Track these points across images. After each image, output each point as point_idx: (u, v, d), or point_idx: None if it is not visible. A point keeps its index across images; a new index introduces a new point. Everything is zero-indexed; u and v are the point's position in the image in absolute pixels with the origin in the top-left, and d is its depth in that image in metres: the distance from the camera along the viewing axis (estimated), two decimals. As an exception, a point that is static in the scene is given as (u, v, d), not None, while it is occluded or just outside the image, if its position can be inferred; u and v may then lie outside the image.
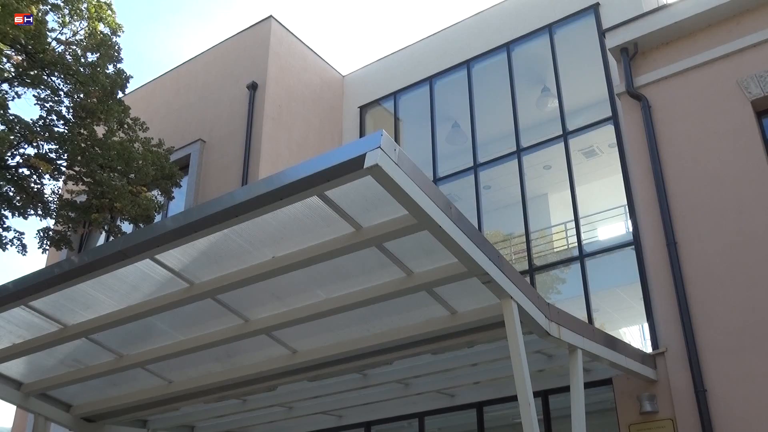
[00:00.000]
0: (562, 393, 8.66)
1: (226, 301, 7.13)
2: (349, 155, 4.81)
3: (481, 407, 10.22)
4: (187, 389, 8.81)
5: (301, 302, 7.09)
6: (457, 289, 6.66)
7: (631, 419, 8.80)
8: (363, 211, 5.66)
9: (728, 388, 8.29)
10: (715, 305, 8.72)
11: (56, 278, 6.69)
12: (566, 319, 7.13)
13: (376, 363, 8.14)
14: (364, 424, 11.16)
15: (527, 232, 11.42)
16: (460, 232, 5.51)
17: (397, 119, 14.98)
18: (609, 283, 11.16)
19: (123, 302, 7.20)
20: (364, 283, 6.70)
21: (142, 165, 11.69)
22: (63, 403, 9.45)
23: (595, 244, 11.05)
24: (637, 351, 8.64)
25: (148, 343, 8.06)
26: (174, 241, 5.98)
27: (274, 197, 5.29)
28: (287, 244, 6.17)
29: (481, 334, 7.19)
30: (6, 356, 8.05)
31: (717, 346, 8.53)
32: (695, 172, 9.49)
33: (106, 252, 6.46)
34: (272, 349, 8.05)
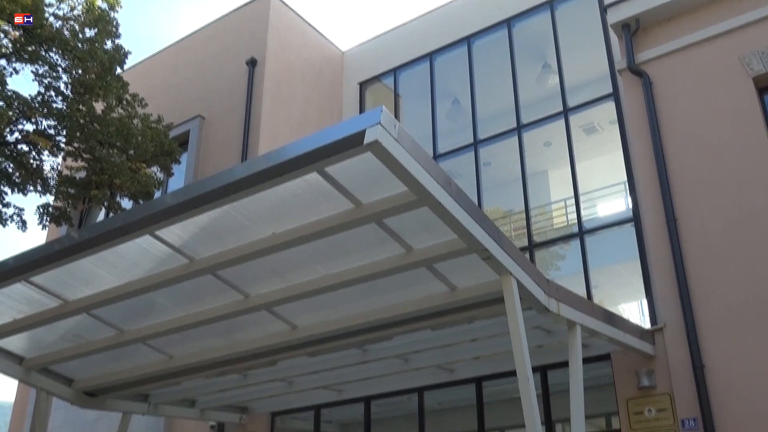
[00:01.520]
0: (561, 368, 8.72)
1: (227, 276, 7.15)
2: (348, 131, 4.80)
3: (480, 382, 10.30)
4: (187, 364, 8.87)
5: (301, 278, 7.11)
6: (457, 265, 6.67)
7: (629, 394, 8.87)
8: (363, 187, 5.66)
9: (726, 363, 8.35)
10: (714, 282, 8.75)
11: (56, 254, 6.71)
12: (565, 295, 7.16)
13: (375, 338, 8.19)
14: (363, 399, 11.25)
15: (527, 209, 11.42)
16: (459, 208, 5.51)
17: (397, 95, 14.92)
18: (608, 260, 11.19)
19: (123, 278, 7.22)
20: (364, 259, 6.71)
21: (141, 141, 11.66)
22: (65, 377, 9.52)
23: (594, 220, 11.06)
24: (635, 327, 8.68)
25: (148, 318, 8.09)
26: (174, 217, 6.00)
27: (274, 173, 5.29)
28: (287, 220, 6.18)
29: (481, 309, 7.22)
30: (7, 331, 8.10)
31: (715, 322, 8.57)
32: (696, 149, 9.48)
33: (106, 228, 6.47)
34: (272, 324, 8.09)
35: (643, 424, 8.66)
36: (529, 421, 6.02)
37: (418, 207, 5.56)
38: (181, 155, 13.06)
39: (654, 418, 8.61)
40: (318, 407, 11.72)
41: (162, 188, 13.25)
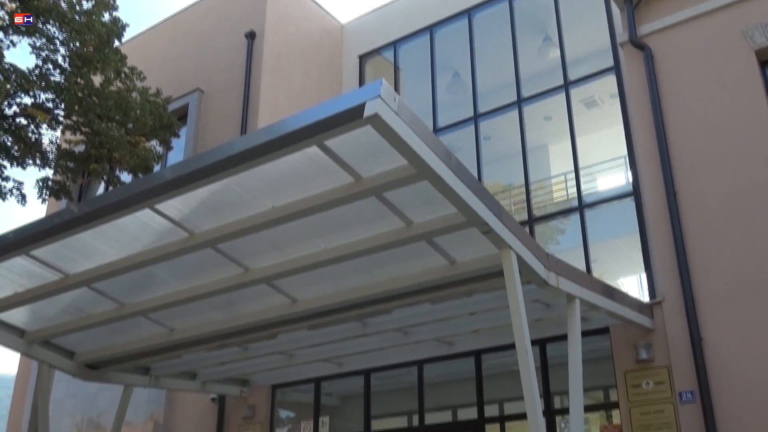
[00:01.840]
0: (560, 341, 8.76)
1: (226, 250, 7.16)
2: (348, 104, 4.78)
3: (479, 355, 10.36)
4: (188, 337, 8.91)
5: (301, 252, 7.12)
6: (457, 239, 6.68)
7: (627, 367, 8.92)
8: (362, 161, 5.65)
9: (724, 336, 8.39)
10: (714, 255, 8.77)
11: (56, 228, 6.71)
12: (565, 268, 7.18)
13: (375, 312, 8.22)
14: (363, 372, 11.33)
15: (527, 183, 11.41)
16: (459, 182, 5.51)
17: (397, 69, 14.83)
18: (608, 234, 11.21)
19: (123, 252, 7.23)
20: (364, 233, 6.72)
21: (140, 115, 11.61)
22: (66, 350, 9.57)
23: (594, 194, 11.06)
24: (634, 300, 8.72)
25: (149, 292, 8.12)
26: (173, 190, 5.99)
27: (274, 147, 5.28)
28: (287, 194, 6.17)
29: (480, 283, 7.24)
30: (8, 305, 8.13)
31: (714, 295, 8.60)
32: (697, 123, 9.44)
33: (105, 202, 6.48)
34: (272, 297, 8.11)
35: (640, 396, 8.72)
36: (528, 394, 6.07)
37: (417, 181, 5.55)
38: (180, 129, 13.01)
39: (652, 390, 8.67)
40: (318, 380, 11.80)
41: (161, 162, 13.22)
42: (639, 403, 8.71)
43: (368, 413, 11.25)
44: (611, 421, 9.27)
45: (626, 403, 8.81)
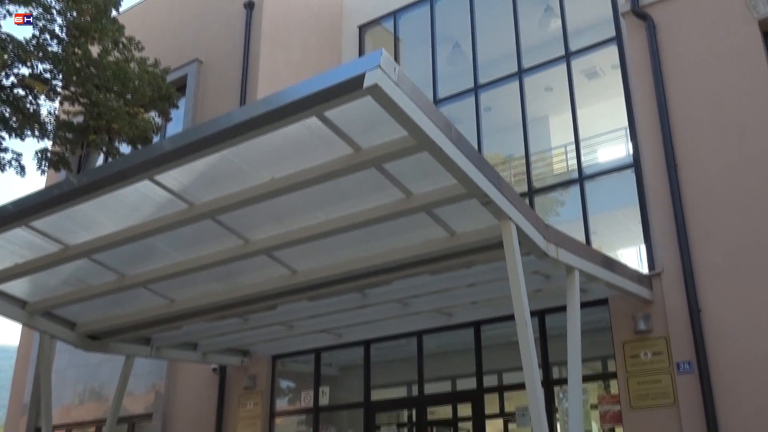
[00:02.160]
0: (559, 313, 8.80)
1: (226, 221, 7.16)
2: (348, 75, 4.75)
3: (478, 326, 10.42)
4: (189, 308, 8.95)
5: (301, 223, 7.12)
6: (456, 211, 6.68)
7: (626, 338, 8.98)
8: (362, 131, 5.63)
9: (723, 308, 8.44)
10: (713, 227, 8.78)
11: (56, 199, 6.71)
12: (564, 240, 7.19)
13: (375, 283, 8.25)
14: (363, 342, 11.40)
15: (527, 155, 11.37)
16: (459, 153, 5.49)
17: (397, 39, 14.70)
18: (608, 206, 11.20)
19: (123, 223, 7.24)
20: (364, 204, 6.71)
21: (139, 85, 11.54)
22: (67, 321, 9.62)
23: (594, 166, 11.02)
24: (633, 272, 8.74)
25: (149, 263, 8.14)
26: (172, 161, 5.98)
27: (273, 117, 5.26)
28: (286, 165, 6.16)
29: (480, 254, 7.25)
30: (9, 276, 8.15)
31: (713, 267, 8.63)
32: (698, 94, 9.40)
33: (104, 173, 6.47)
34: (272, 269, 8.13)
35: (639, 367, 8.79)
36: (527, 364, 6.12)
37: (417, 152, 5.53)
38: (179, 100, 12.93)
39: (650, 361, 8.74)
40: (318, 350, 11.88)
41: (160, 133, 13.17)
42: (637, 373, 8.78)
43: (368, 383, 11.35)
44: (609, 391, 9.35)
45: (624, 373, 8.88)
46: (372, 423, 11.14)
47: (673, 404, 8.45)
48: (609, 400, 9.16)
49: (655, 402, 8.58)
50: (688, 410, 8.30)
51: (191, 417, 12.63)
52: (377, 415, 11.30)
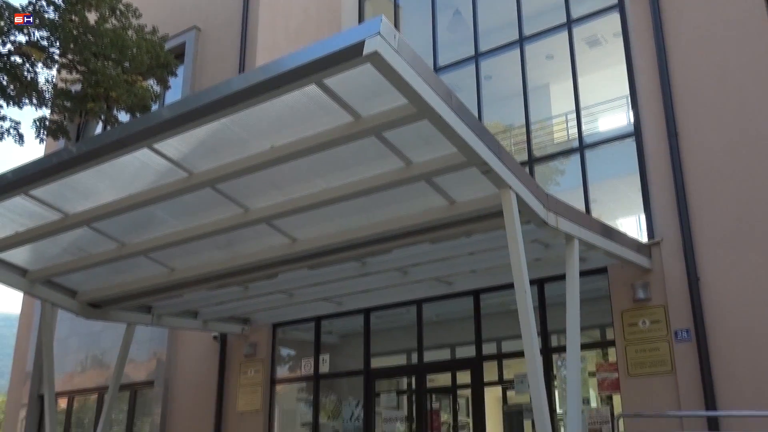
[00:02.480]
0: (558, 281, 8.83)
1: (226, 190, 7.16)
2: (347, 42, 4.72)
3: (477, 294, 10.47)
4: (189, 276, 8.98)
5: (301, 191, 7.12)
6: (456, 179, 6.67)
7: (625, 306, 9.03)
8: (362, 100, 5.60)
9: (721, 277, 8.47)
10: (713, 197, 8.78)
11: (55, 167, 6.70)
12: (564, 209, 7.19)
13: (375, 251, 8.27)
14: (363, 311, 11.46)
15: (527, 123, 11.32)
16: (460, 121, 5.47)
17: (396, 6, 14.55)
18: (608, 175, 11.16)
19: (123, 192, 7.23)
20: (363, 173, 6.70)
21: (137, 53, 11.43)
22: (68, 289, 9.65)
23: (595, 135, 10.98)
24: (632, 240, 8.76)
25: (149, 231, 8.15)
26: (171, 130, 5.96)
27: (272, 85, 5.23)
28: (286, 134, 6.14)
29: (479, 223, 7.26)
30: (9, 244, 8.17)
31: (713, 236, 8.64)
32: (701, 63, 9.33)
33: (103, 141, 6.45)
34: (272, 237, 8.15)
35: (637, 335, 8.84)
36: (526, 332, 6.16)
37: (417, 120, 5.51)
38: (178, 67, 12.83)
39: (648, 329, 8.79)
40: (318, 318, 11.95)
41: (159, 101, 13.09)
42: (635, 341, 8.84)
43: (368, 351, 11.43)
44: (607, 359, 9.42)
45: (622, 341, 8.94)
46: (372, 390, 11.25)
47: (670, 372, 8.52)
48: (607, 367, 9.24)
49: (653, 369, 8.65)
50: (685, 378, 8.37)
51: (193, 384, 12.76)
52: (377, 382, 11.40)
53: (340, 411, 11.63)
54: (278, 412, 12.14)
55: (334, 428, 11.56)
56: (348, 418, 11.41)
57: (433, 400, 11.23)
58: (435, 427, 11.06)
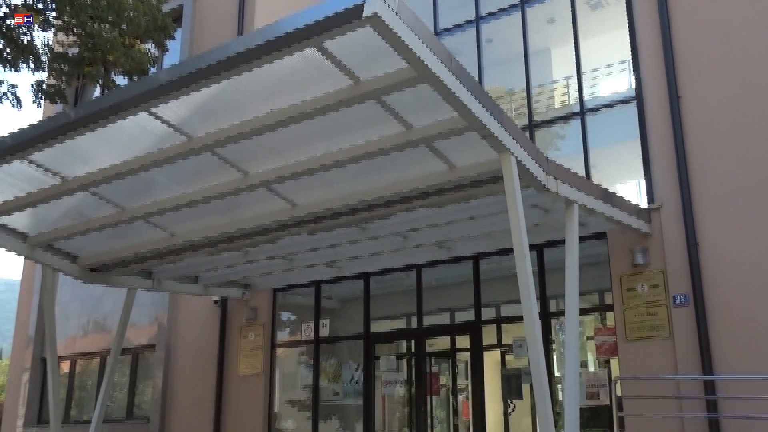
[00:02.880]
0: (557, 246, 8.84)
1: (225, 155, 7.14)
2: (347, 4, 4.67)
3: (477, 259, 10.50)
4: (189, 241, 9.01)
5: (300, 156, 7.10)
6: (456, 144, 6.65)
7: (623, 271, 9.05)
8: (362, 63, 5.56)
9: (720, 242, 8.48)
10: (714, 161, 8.76)
11: (53, 131, 6.68)
12: (564, 173, 7.18)
13: (374, 216, 8.27)
14: (363, 275, 11.51)
15: (528, 88, 11.24)
16: (460, 85, 5.43)
17: (396, -32, 14.34)
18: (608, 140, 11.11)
19: (122, 156, 7.21)
20: (363, 138, 6.68)
21: (134, 16, 11.29)
22: (69, 254, 9.68)
23: (596, 99, 10.90)
24: (632, 205, 8.76)
25: (149, 196, 8.15)
26: (169, 94, 5.93)
27: (270, 48, 5.19)
28: (285, 98, 6.10)
29: (479, 188, 7.25)
30: (9, 209, 8.18)
31: (713, 201, 8.64)
32: (704, 26, 9.23)
33: (101, 105, 6.41)
34: (272, 202, 8.15)
35: (635, 299, 8.89)
36: (525, 297, 6.19)
37: (418, 84, 5.47)
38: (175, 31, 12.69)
39: (646, 294, 8.83)
40: (318, 283, 12.00)
41: (157, 65, 12.99)
42: (633, 305, 8.89)
43: (368, 315, 11.50)
44: (605, 323, 9.48)
45: (621, 305, 8.99)
46: (372, 354, 11.34)
47: (668, 336, 8.58)
48: (605, 332, 9.30)
49: (651, 334, 8.71)
50: (682, 342, 8.43)
51: (194, 348, 12.86)
52: (377, 346, 11.49)
53: (341, 374, 11.75)
54: (279, 375, 12.27)
55: (334, 391, 11.68)
56: (348, 381, 11.53)
57: (432, 364, 11.34)
58: (434, 390, 11.19)
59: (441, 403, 11.54)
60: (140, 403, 13.71)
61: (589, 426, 9.39)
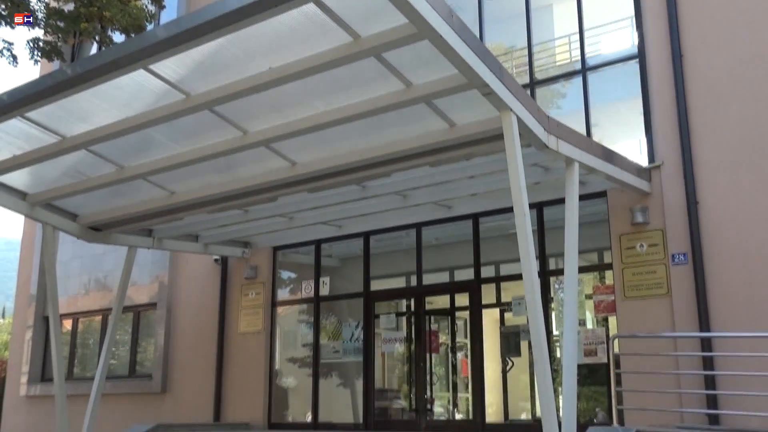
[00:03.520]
0: (557, 205, 8.84)
1: (224, 112, 7.10)
2: (346, -43, 4.59)
3: (477, 218, 10.50)
4: (189, 200, 9.00)
5: (300, 114, 7.06)
6: (457, 102, 6.61)
7: (623, 230, 9.06)
8: (361, 19, 5.50)
9: (720, 201, 8.47)
10: (716, 119, 8.71)
11: (50, 89, 6.64)
12: (565, 132, 7.14)
13: (374, 175, 8.26)
14: (363, 234, 11.53)
15: (530, 45, 11.11)
16: (461, 41, 5.38)
17: None
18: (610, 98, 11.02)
19: (120, 114, 7.18)
20: (363, 95, 6.64)
21: (130, -29, 11.13)
22: (69, 212, 9.69)
23: (598, 57, 10.79)
24: (633, 164, 8.73)
25: (148, 155, 8.13)
26: (167, 50, 5.89)
27: (269, 4, 5.13)
28: (284, 54, 6.05)
29: (480, 146, 7.23)
30: (7, 167, 8.17)
31: (714, 160, 8.61)
32: (708, -19, 9.10)
33: (98, 62, 6.36)
34: (272, 161, 8.12)
35: (634, 258, 8.92)
36: (524, 255, 6.20)
37: (418, 40, 5.42)
38: (172, -14, 12.54)
39: (645, 252, 8.86)
40: (318, 242, 12.04)
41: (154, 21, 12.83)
42: (632, 264, 8.92)
43: (368, 274, 11.55)
44: (604, 282, 9.53)
45: (620, 264, 9.02)
46: (371, 312, 11.42)
47: (666, 294, 8.63)
48: (603, 290, 9.35)
49: (649, 292, 8.75)
50: (680, 300, 8.49)
51: (195, 306, 12.96)
52: (376, 304, 11.57)
53: (341, 332, 11.85)
54: (279, 333, 12.38)
55: (334, 348, 11.79)
56: (348, 339, 11.63)
57: (431, 322, 11.43)
58: (434, 348, 11.29)
59: (440, 360, 11.67)
60: (142, 360, 13.86)
61: (587, 383, 9.50)
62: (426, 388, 10.87)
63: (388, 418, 11.28)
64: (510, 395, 10.24)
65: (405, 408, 11.25)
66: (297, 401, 12.28)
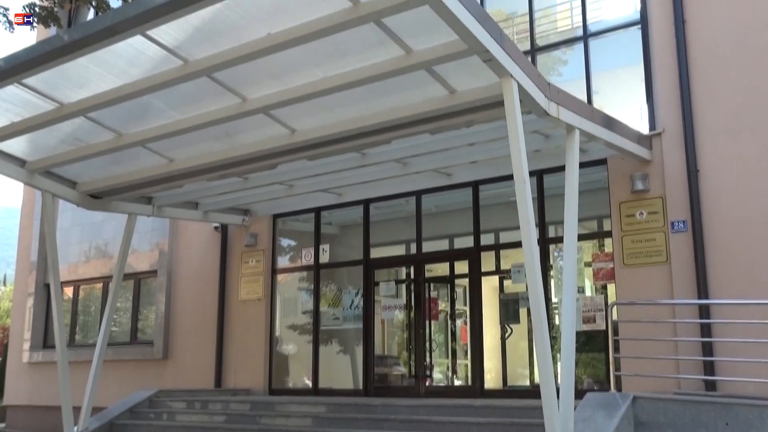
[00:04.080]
0: (557, 173, 8.83)
1: (223, 79, 7.04)
2: None
3: (477, 186, 10.50)
4: (188, 167, 8.98)
5: (299, 81, 7.01)
6: (457, 68, 6.55)
7: (623, 197, 9.06)
8: (360, -17, 5.42)
9: (721, 169, 8.46)
10: (718, 87, 8.65)
11: (47, 55, 6.58)
12: (566, 99, 7.09)
13: (374, 142, 8.23)
14: (362, 202, 11.53)
15: (531, 11, 11.00)
16: (461, 6, 5.32)
17: None
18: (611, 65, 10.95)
19: (118, 81, 7.12)
20: (363, 62, 6.58)
21: (126, -66, 10.98)
22: (68, 180, 9.67)
23: (600, 23, 10.69)
24: (633, 131, 8.69)
25: (146, 122, 8.08)
26: (165, 15, 5.81)
27: (267, -33, 5.04)
28: (283, 20, 5.98)
29: (480, 113, 7.18)
30: (5, 134, 8.12)
31: (715, 128, 8.58)
32: (712, -55, 8.98)
33: (95, 27, 6.28)
34: (271, 128, 8.09)
35: (634, 226, 8.93)
36: (524, 223, 6.19)
37: (418, 5, 5.35)
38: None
39: (645, 220, 8.86)
40: (318, 209, 12.04)
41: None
42: (632, 232, 8.93)
43: (367, 242, 11.58)
44: (603, 249, 9.55)
45: (619, 232, 9.04)
46: (371, 279, 11.47)
47: (665, 262, 8.66)
48: (602, 258, 9.38)
49: (648, 260, 8.78)
50: (679, 268, 8.51)
51: (195, 274, 13.01)
52: (376, 271, 11.60)
53: (340, 299, 11.91)
54: (279, 300, 12.44)
55: (334, 316, 11.86)
56: (348, 306, 11.70)
57: (431, 289, 11.48)
58: (433, 315, 11.36)
59: (440, 327, 11.74)
60: (144, 327, 13.95)
61: (585, 350, 9.58)
62: (425, 354, 10.95)
63: (388, 384, 11.39)
64: (509, 362, 10.32)
65: (404, 374, 11.35)
66: (297, 368, 12.39)
